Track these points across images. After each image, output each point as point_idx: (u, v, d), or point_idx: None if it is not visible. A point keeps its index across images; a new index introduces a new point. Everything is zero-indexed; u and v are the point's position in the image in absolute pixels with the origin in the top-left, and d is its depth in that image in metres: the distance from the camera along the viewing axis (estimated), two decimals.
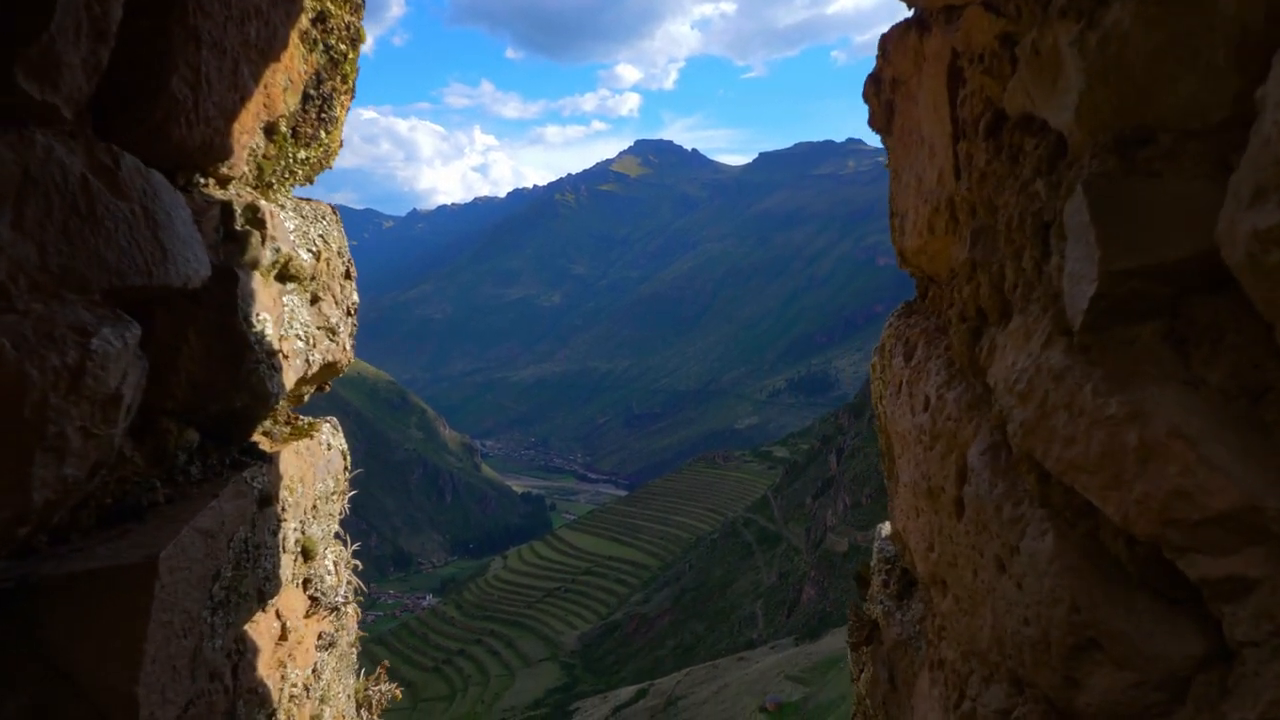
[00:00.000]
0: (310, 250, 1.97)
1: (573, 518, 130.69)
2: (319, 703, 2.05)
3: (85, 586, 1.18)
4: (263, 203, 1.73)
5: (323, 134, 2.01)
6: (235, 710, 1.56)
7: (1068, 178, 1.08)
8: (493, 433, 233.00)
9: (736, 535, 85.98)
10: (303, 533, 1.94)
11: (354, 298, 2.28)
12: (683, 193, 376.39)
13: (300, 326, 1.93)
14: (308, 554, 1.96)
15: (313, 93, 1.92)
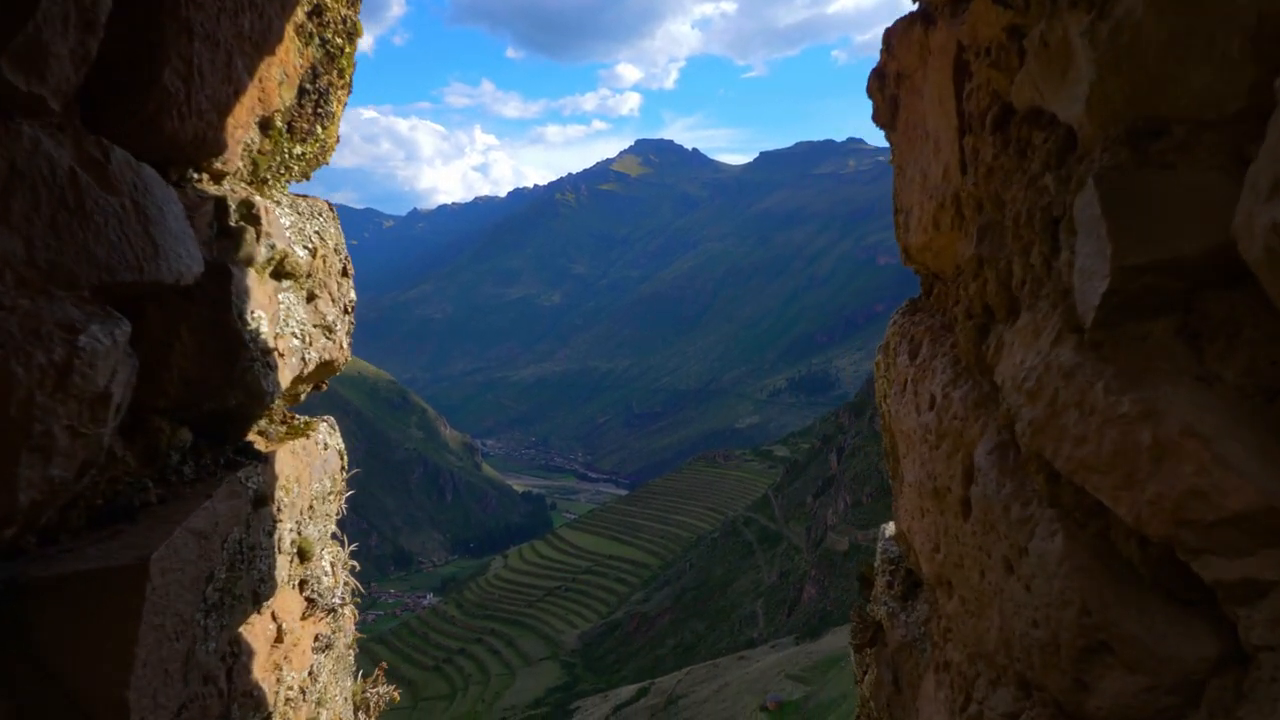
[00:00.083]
0: (306, 247, 1.94)
1: (573, 517, 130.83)
2: (315, 705, 2.02)
3: (75, 588, 1.16)
4: (258, 198, 1.71)
5: (319, 129, 1.98)
6: (230, 714, 1.54)
7: (1078, 171, 1.06)
8: (493, 432, 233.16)
9: (737, 534, 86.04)
10: (299, 533, 1.92)
11: (351, 295, 2.26)
12: (683, 192, 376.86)
13: (296, 324, 1.91)
14: (304, 555, 1.94)
15: (309, 87, 1.89)
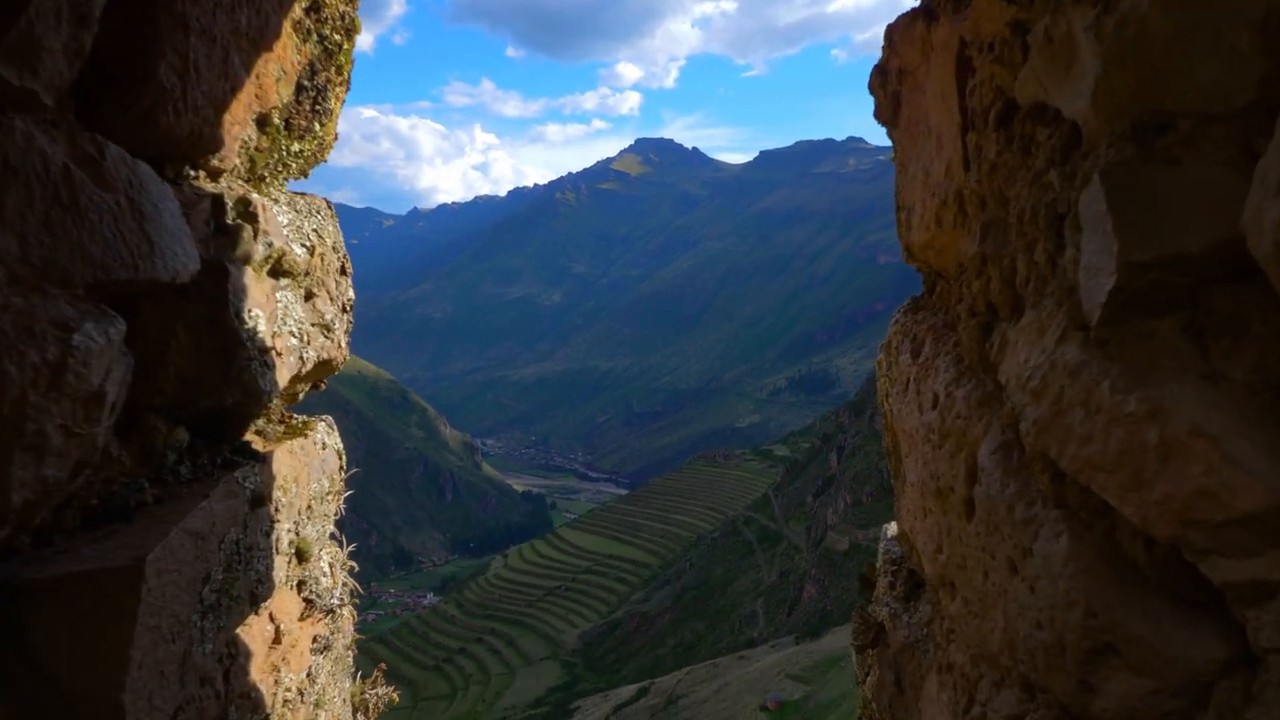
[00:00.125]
0: (304, 245, 1.93)
1: (573, 516, 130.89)
2: (314, 707, 2.01)
3: (70, 590, 1.15)
4: (255, 196, 1.69)
5: (317, 126, 1.97)
6: (227, 716, 1.53)
7: (1083, 168, 1.05)
8: (493, 431, 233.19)
9: (737, 534, 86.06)
10: (297, 534, 1.91)
11: (349, 294, 2.24)
12: (683, 191, 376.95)
13: (294, 323, 1.90)
14: (302, 556, 1.93)
15: (306, 84, 1.88)
